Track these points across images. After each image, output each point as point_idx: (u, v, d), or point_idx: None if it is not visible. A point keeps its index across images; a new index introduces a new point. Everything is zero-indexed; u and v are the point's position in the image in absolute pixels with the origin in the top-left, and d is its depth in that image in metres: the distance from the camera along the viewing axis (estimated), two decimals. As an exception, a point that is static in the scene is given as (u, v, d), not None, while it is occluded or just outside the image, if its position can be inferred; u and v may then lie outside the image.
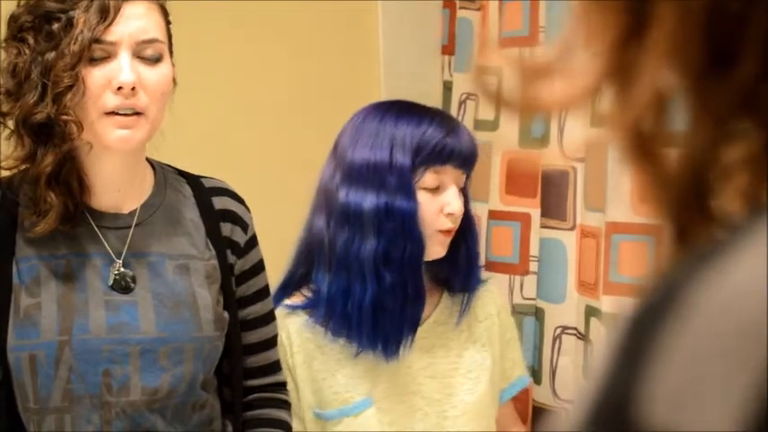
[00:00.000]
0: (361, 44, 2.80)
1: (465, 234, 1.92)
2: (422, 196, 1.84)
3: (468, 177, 1.93)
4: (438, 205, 1.85)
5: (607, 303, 2.30)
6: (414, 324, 1.86)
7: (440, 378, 1.92)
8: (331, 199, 1.86)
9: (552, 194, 2.50)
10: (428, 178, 1.84)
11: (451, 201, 1.85)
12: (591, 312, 2.38)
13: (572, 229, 2.45)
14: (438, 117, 1.88)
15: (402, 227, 1.81)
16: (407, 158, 1.82)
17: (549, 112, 0.51)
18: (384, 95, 2.74)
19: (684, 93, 0.46)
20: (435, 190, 1.85)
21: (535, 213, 2.55)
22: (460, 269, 1.95)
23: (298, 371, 1.87)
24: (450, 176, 1.86)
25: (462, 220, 1.90)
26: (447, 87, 2.86)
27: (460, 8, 2.84)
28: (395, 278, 1.81)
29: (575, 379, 2.44)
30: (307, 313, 1.89)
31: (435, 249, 1.88)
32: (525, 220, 2.57)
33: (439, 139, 1.83)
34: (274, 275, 1.83)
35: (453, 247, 1.90)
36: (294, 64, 2.69)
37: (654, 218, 0.48)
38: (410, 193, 1.82)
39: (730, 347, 0.37)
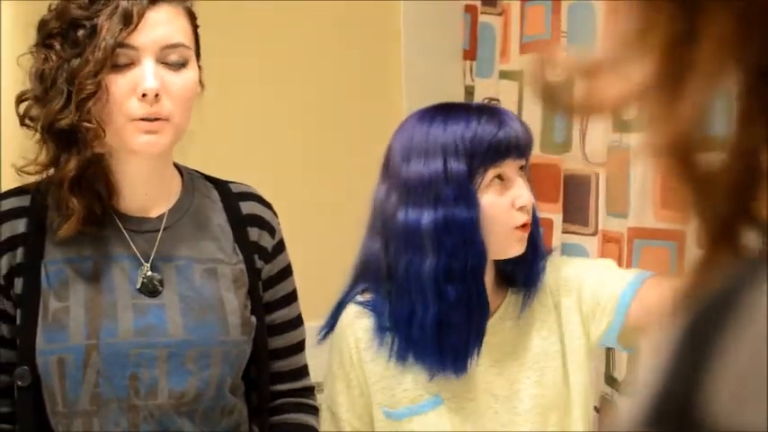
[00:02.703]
0: (382, 49, 2.81)
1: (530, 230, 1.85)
2: (489, 197, 1.78)
3: (527, 164, 1.86)
4: (508, 201, 1.79)
5: (629, 309, 2.30)
6: (480, 335, 1.81)
7: (507, 374, 1.86)
8: (388, 221, 1.80)
9: (574, 199, 2.50)
10: (490, 177, 1.77)
11: (521, 193, 1.79)
12: (613, 318, 2.37)
13: (594, 234, 2.45)
14: (486, 112, 1.80)
15: (462, 238, 1.75)
16: (463, 164, 1.76)
17: (602, 112, 0.51)
18: (405, 100, 2.74)
19: (738, 92, 0.46)
20: (501, 186, 1.79)
21: (557, 218, 2.55)
22: (525, 263, 1.87)
23: (367, 366, 1.83)
24: (512, 169, 1.79)
25: None
26: (469, 92, 2.86)
27: (482, 13, 2.85)
28: (458, 292, 1.76)
29: (596, 385, 2.44)
30: (374, 317, 1.85)
31: (514, 247, 1.81)
32: (547, 225, 2.57)
33: (492, 135, 1.76)
34: (301, 280, 1.83)
35: None
36: (315, 68, 2.69)
37: (686, 221, 0.48)
38: (470, 201, 1.76)
39: None
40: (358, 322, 1.85)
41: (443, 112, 1.81)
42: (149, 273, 1.65)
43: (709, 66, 0.46)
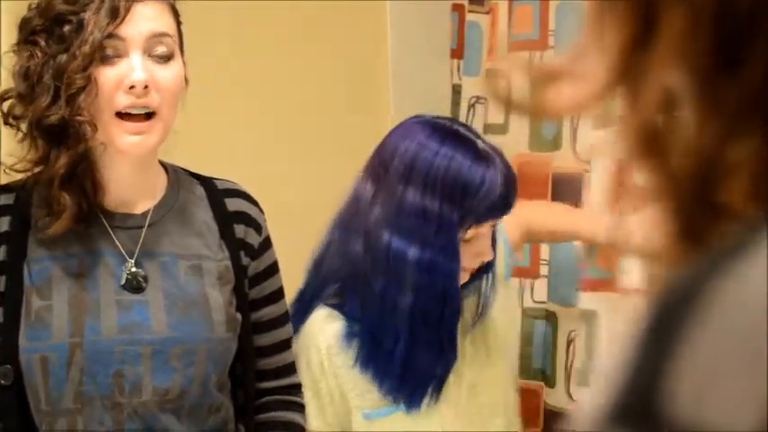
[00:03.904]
0: (369, 48, 2.80)
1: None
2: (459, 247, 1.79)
3: None
4: (472, 253, 1.80)
5: (619, 306, 2.30)
6: (441, 380, 1.82)
7: (470, 365, 1.90)
8: (373, 232, 1.78)
9: (564, 197, 2.49)
10: (469, 233, 1.78)
11: (486, 251, 1.81)
12: (603, 316, 2.37)
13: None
14: (493, 164, 1.77)
15: (443, 287, 1.76)
16: (456, 215, 1.75)
17: (559, 116, 0.52)
18: (392, 100, 2.74)
19: (692, 93, 0.46)
20: (471, 239, 1.79)
21: (546, 217, 2.54)
22: (478, 277, 1.90)
23: (341, 372, 1.82)
24: (488, 225, 1.81)
25: None
26: (456, 91, 2.85)
27: (469, 12, 2.84)
28: (430, 336, 1.77)
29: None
30: (345, 321, 1.84)
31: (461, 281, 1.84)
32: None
33: (492, 201, 1.76)
34: (286, 277, 1.81)
35: None
36: (301, 68, 2.68)
37: (659, 217, 0.48)
38: (455, 253, 1.76)
39: (753, 342, 0.37)
40: (328, 328, 1.83)
41: (453, 141, 1.78)
42: (133, 269, 1.64)
43: (664, 65, 0.46)
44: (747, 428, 0.36)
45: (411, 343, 1.77)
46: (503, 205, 1.79)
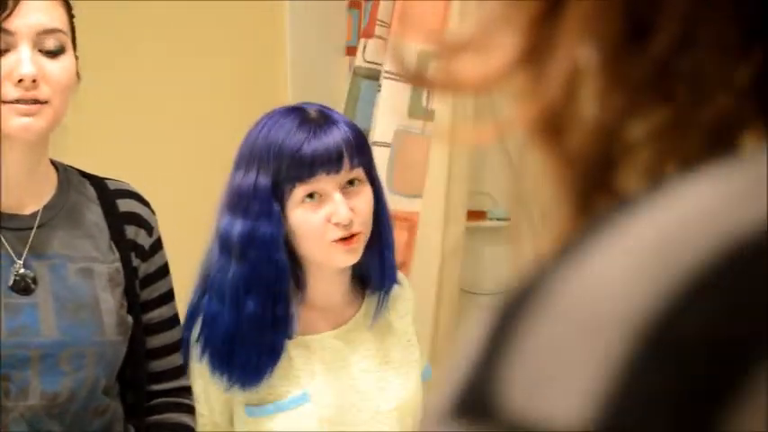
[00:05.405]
0: (267, 45, 2.80)
1: (378, 232, 1.83)
2: (298, 214, 1.75)
3: (369, 171, 1.82)
4: (321, 217, 1.76)
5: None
6: (275, 352, 1.79)
7: (373, 372, 1.87)
8: (217, 226, 1.80)
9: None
10: (300, 195, 1.75)
11: (336, 210, 1.75)
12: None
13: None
14: (307, 122, 1.75)
15: (265, 253, 1.74)
16: (268, 179, 1.74)
17: (466, 92, 0.50)
18: (290, 97, 2.74)
19: (598, 66, 0.45)
20: (315, 203, 1.76)
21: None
22: (375, 269, 1.87)
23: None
24: (328, 184, 1.75)
25: (375, 218, 1.82)
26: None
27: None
28: (255, 306, 1.75)
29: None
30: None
31: (338, 260, 1.80)
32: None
33: (295, 150, 1.72)
34: (178, 279, 1.80)
35: (367, 246, 1.82)
36: (200, 64, 2.67)
37: (555, 197, 0.46)
38: (272, 217, 1.74)
39: (583, 338, 0.36)
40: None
41: (276, 119, 1.78)
42: (22, 270, 1.61)
43: (570, 41, 0.45)
44: (569, 427, 0.34)
45: (237, 315, 1.75)
46: (313, 157, 1.73)
